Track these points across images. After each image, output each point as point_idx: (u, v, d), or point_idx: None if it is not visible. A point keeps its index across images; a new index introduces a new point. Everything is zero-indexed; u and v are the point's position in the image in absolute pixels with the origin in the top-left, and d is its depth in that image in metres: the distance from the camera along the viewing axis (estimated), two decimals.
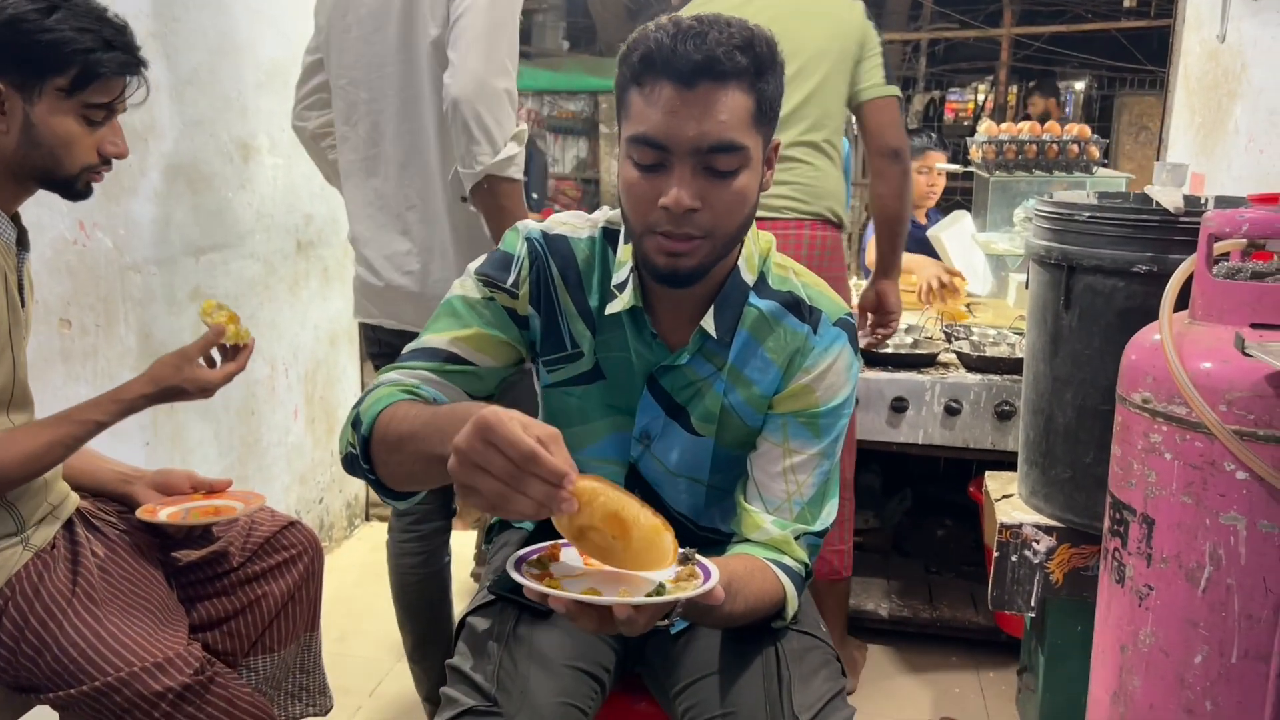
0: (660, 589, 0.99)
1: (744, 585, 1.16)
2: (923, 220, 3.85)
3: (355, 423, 1.14)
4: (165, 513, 1.62)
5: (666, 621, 1.05)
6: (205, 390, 1.54)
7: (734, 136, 1.10)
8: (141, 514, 1.61)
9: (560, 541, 1.09)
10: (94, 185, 1.51)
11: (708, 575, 1.03)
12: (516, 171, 1.88)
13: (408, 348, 1.26)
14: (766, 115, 1.14)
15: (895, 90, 2.26)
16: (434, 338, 1.25)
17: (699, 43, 1.07)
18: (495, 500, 0.89)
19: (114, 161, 1.50)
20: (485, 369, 1.26)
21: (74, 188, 1.48)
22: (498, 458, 0.88)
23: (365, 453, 1.12)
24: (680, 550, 1.06)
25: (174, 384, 1.52)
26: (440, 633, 2.20)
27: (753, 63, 1.10)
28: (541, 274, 1.26)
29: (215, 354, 1.60)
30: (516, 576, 0.99)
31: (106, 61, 1.42)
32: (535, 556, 1.06)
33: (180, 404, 2.45)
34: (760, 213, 2.07)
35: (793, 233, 2.21)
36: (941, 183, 3.78)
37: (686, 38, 1.07)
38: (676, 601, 0.98)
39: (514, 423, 0.88)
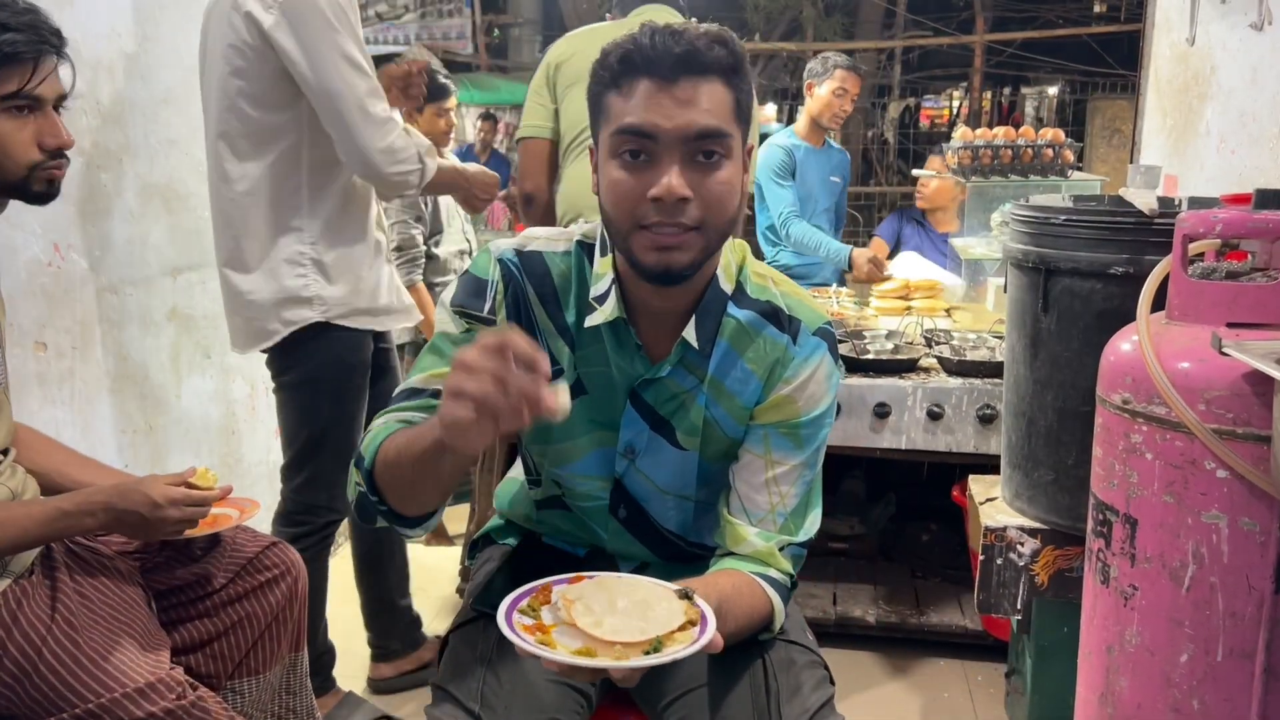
0: (658, 644, 0.97)
1: (734, 605, 1.16)
2: (952, 227, 3.90)
3: (358, 462, 1.16)
4: None
5: None
6: (170, 500, 1.48)
7: (720, 124, 1.12)
8: None
9: (550, 580, 1.08)
10: (58, 183, 1.46)
11: (705, 621, 1.01)
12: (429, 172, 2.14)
13: (395, 392, 1.26)
14: (744, 113, 1.16)
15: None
16: (417, 379, 1.24)
17: (678, 38, 1.10)
18: (483, 401, 0.89)
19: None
20: None
21: (29, 189, 1.43)
22: (478, 354, 0.90)
23: (371, 486, 1.14)
24: (677, 589, 1.06)
25: (139, 489, 1.47)
26: (315, 618, 2.30)
27: (730, 56, 1.12)
28: (518, 295, 1.25)
29: None
30: (509, 633, 0.97)
31: (3, 45, 1.35)
32: (525, 602, 1.04)
33: (159, 424, 2.44)
34: None
35: None
36: (945, 185, 3.85)
37: (664, 36, 1.10)
38: (674, 660, 0.97)
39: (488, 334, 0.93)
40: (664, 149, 1.10)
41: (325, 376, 2.13)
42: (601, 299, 1.23)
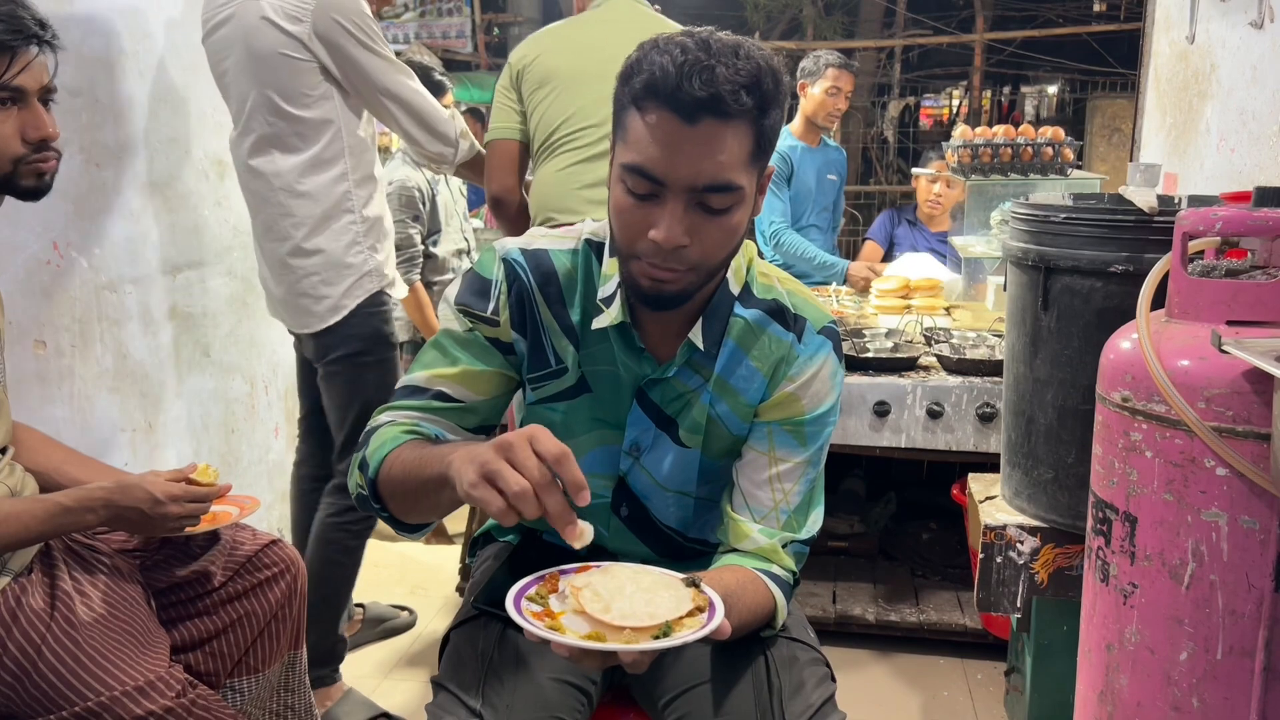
0: (667, 629, 0.97)
1: (738, 600, 1.15)
2: (946, 226, 3.89)
3: (362, 466, 1.19)
4: None
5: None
6: (170, 496, 1.48)
7: (730, 177, 1.08)
8: None
9: (557, 569, 1.08)
10: (48, 178, 1.45)
11: (713, 608, 1.02)
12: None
13: (399, 384, 1.27)
14: (764, 149, 1.12)
15: None
16: (419, 375, 1.25)
17: (706, 79, 1.03)
18: (517, 497, 0.93)
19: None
20: (476, 403, 1.26)
21: (16, 183, 1.43)
22: (533, 457, 0.94)
23: (375, 493, 1.18)
24: (684, 577, 1.06)
25: (138, 483, 1.48)
26: (341, 604, 2.36)
27: (758, 101, 1.07)
28: (522, 294, 1.25)
29: None
30: (518, 618, 0.97)
31: None
32: (533, 590, 1.04)
33: (159, 422, 2.44)
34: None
35: None
36: (952, 194, 3.82)
37: (693, 71, 1.04)
38: (684, 643, 0.97)
39: (553, 436, 0.97)
40: (670, 193, 1.08)
41: (369, 351, 2.27)
42: (608, 301, 1.23)
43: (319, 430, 2.46)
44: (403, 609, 2.85)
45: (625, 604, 0.98)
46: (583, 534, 0.97)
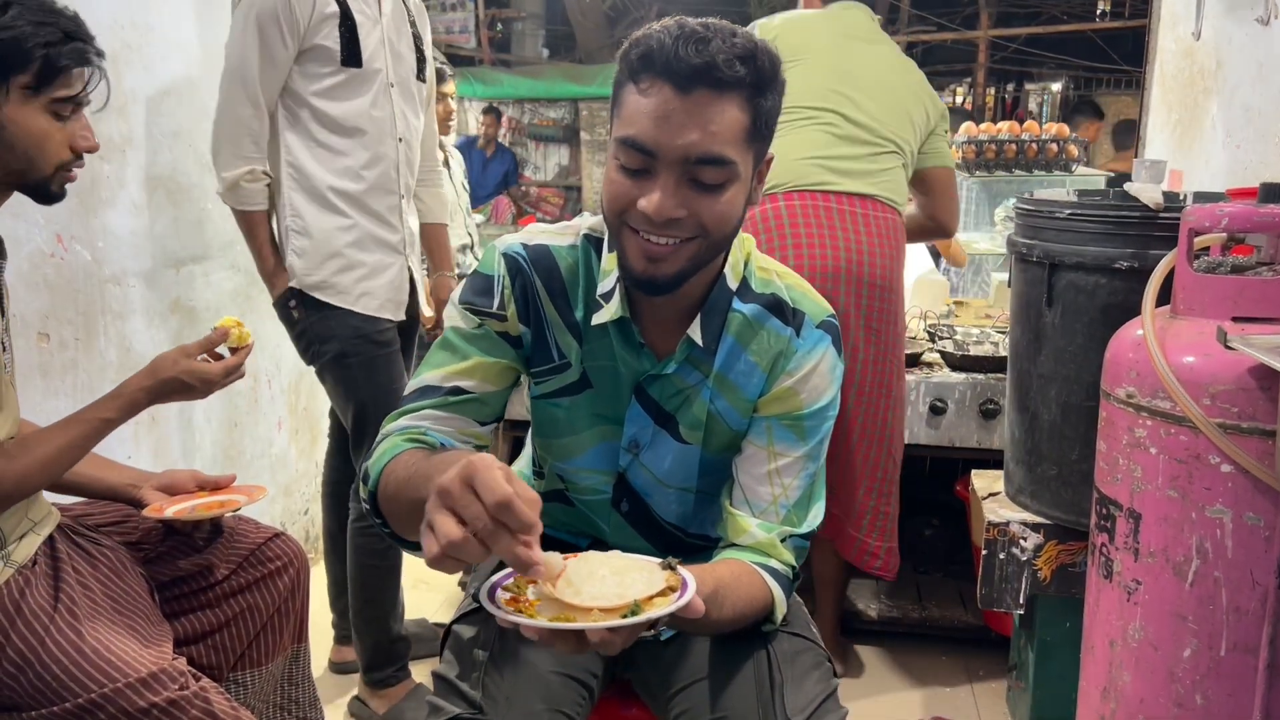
0: (635, 608, 0.96)
1: (731, 592, 1.15)
2: None
3: (365, 476, 1.17)
4: (171, 510, 1.62)
5: (652, 633, 1.03)
6: (206, 382, 1.55)
7: (723, 150, 1.08)
8: (148, 513, 1.61)
9: None
10: (68, 187, 1.52)
11: (685, 587, 1.01)
12: (238, 202, 2.12)
13: (410, 386, 1.26)
14: (761, 132, 1.11)
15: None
16: (431, 375, 1.24)
17: (701, 48, 1.04)
18: (454, 546, 0.86)
19: (94, 175, 1.49)
20: (488, 394, 1.25)
21: (48, 189, 1.49)
22: (475, 503, 0.87)
23: (375, 508, 1.15)
24: (661, 560, 1.05)
25: (173, 374, 1.52)
26: (387, 604, 2.29)
27: (753, 75, 1.07)
28: (527, 288, 1.25)
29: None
30: (488, 605, 0.96)
31: (67, 54, 1.42)
32: (510, 580, 1.04)
33: (163, 415, 2.44)
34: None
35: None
36: None
37: (689, 41, 1.05)
38: (651, 620, 0.96)
39: (499, 471, 0.88)
40: (662, 166, 1.08)
41: (348, 351, 2.19)
42: (607, 296, 1.22)
43: (337, 431, 2.46)
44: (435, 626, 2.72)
45: (596, 586, 0.98)
46: (549, 571, 0.93)
